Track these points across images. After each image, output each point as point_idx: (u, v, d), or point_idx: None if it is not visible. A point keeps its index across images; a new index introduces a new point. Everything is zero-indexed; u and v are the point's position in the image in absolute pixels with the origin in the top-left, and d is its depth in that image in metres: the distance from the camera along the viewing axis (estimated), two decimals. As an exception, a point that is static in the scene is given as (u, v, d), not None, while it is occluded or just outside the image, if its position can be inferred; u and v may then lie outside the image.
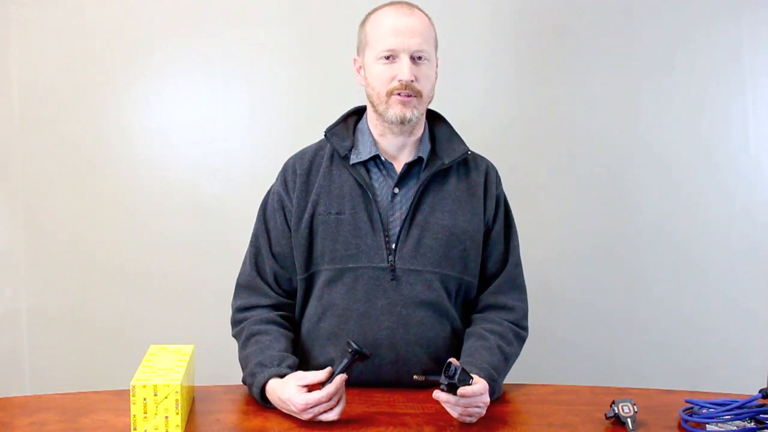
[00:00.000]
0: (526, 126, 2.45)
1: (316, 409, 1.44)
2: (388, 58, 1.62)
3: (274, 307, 1.70)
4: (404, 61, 1.60)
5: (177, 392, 1.36)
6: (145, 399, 1.36)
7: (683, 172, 2.46)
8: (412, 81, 1.60)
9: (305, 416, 1.45)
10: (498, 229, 1.73)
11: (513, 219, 1.78)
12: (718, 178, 2.46)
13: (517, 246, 1.76)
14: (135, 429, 1.36)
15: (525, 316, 1.74)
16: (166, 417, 1.37)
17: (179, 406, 1.37)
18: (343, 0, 2.36)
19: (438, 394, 1.43)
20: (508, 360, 1.65)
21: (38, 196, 2.44)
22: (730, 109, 2.45)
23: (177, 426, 1.37)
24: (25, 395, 1.68)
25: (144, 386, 1.36)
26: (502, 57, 2.44)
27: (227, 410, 1.52)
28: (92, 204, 2.44)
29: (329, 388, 1.44)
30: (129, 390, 1.36)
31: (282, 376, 1.52)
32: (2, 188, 2.44)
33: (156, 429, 1.37)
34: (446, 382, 1.40)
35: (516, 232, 1.77)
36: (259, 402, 1.55)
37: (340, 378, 1.45)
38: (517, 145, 2.42)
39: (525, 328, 1.74)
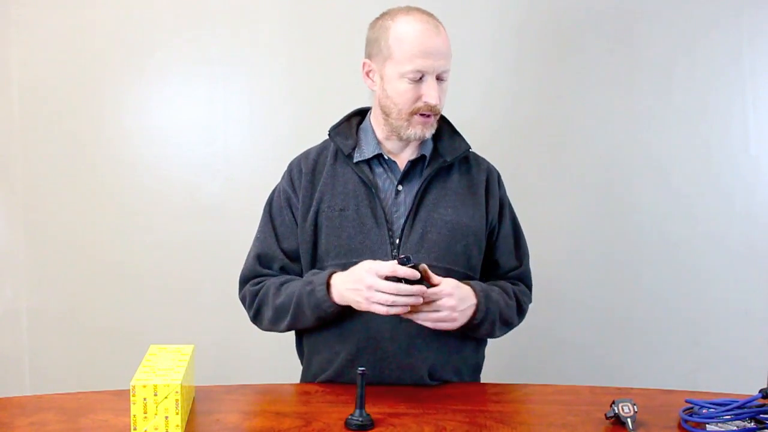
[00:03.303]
0: (525, 127, 2.45)
1: (375, 294, 1.47)
2: (415, 77, 1.61)
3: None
4: (432, 83, 1.61)
5: (177, 392, 1.36)
6: (145, 399, 1.36)
7: (683, 172, 2.46)
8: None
9: (367, 293, 1.48)
10: (506, 230, 1.77)
11: (516, 217, 1.82)
12: (718, 179, 2.46)
13: (526, 245, 1.81)
14: (135, 429, 1.36)
15: (527, 300, 1.78)
16: (166, 417, 1.36)
17: (179, 406, 1.37)
18: (344, 0, 2.36)
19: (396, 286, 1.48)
20: (501, 298, 1.67)
21: (38, 196, 2.44)
22: (730, 110, 2.45)
23: (177, 426, 1.37)
24: (25, 395, 1.68)
25: (144, 386, 1.36)
26: (502, 58, 2.44)
27: (227, 410, 1.52)
28: (92, 204, 2.44)
29: (405, 270, 1.46)
30: (129, 390, 1.36)
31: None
32: (2, 188, 2.44)
33: (156, 429, 1.36)
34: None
35: (521, 229, 1.81)
36: (322, 305, 1.57)
37: (419, 289, 1.47)
38: (516, 146, 2.42)
39: (525, 305, 1.77)
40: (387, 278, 1.48)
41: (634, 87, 2.44)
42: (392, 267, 1.47)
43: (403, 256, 1.49)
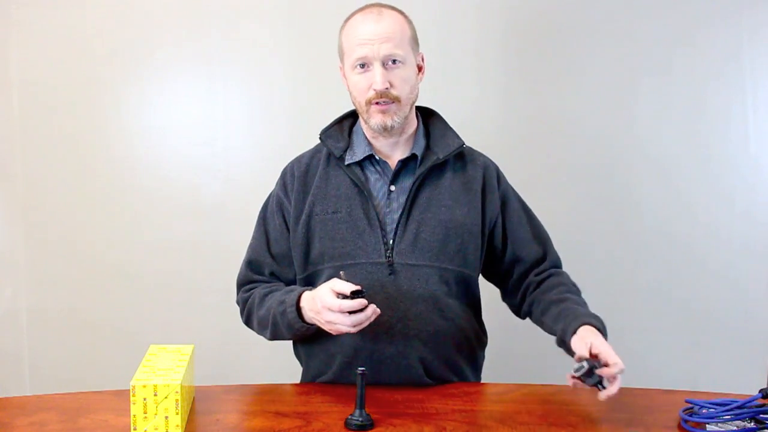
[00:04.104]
0: (519, 126, 2.44)
1: (332, 316, 1.48)
2: (362, 66, 1.63)
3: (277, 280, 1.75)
4: (376, 69, 1.62)
5: (177, 392, 1.36)
6: (145, 399, 1.36)
7: (682, 172, 2.46)
8: (387, 88, 1.62)
9: (325, 316, 1.49)
10: (515, 221, 1.76)
11: (524, 202, 1.81)
12: (718, 179, 2.46)
13: (541, 225, 1.81)
14: (135, 429, 1.36)
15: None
16: (166, 417, 1.37)
17: (179, 406, 1.37)
18: (343, 1, 2.36)
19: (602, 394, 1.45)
20: (581, 303, 1.70)
21: (38, 196, 2.44)
22: (730, 110, 2.44)
23: (177, 426, 1.37)
24: (25, 395, 1.68)
25: (144, 386, 1.36)
26: (500, 56, 2.43)
27: (227, 410, 1.52)
28: (92, 204, 2.44)
29: (351, 303, 1.47)
30: (129, 390, 1.36)
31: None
32: (2, 188, 2.44)
33: (156, 429, 1.37)
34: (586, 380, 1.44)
35: (532, 213, 1.81)
36: (295, 326, 1.58)
37: (367, 306, 1.48)
38: (510, 146, 2.40)
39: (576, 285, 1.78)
40: (344, 296, 1.48)
41: (633, 86, 2.43)
42: (340, 304, 1.47)
43: (356, 289, 1.48)
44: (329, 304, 1.48)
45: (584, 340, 1.49)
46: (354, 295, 1.47)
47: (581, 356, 1.45)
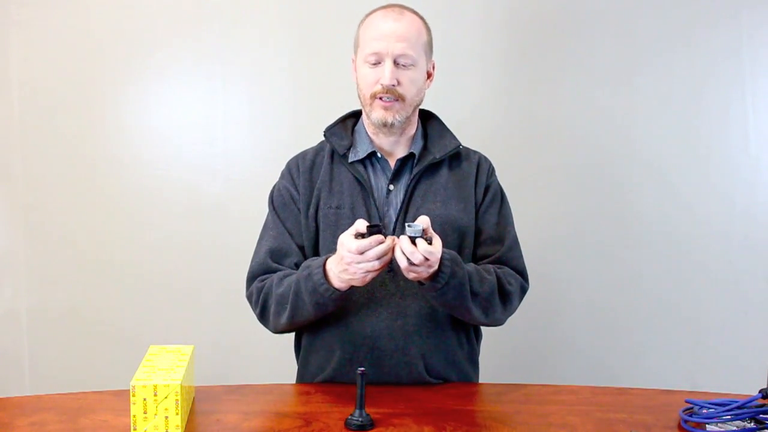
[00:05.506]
0: (519, 127, 2.45)
1: (351, 257, 1.46)
2: (374, 61, 1.66)
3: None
4: (387, 65, 1.64)
5: (177, 392, 1.36)
6: (145, 399, 1.36)
7: (682, 172, 2.46)
8: (394, 85, 1.64)
9: (346, 259, 1.47)
10: (483, 211, 1.75)
11: (507, 207, 1.79)
12: (718, 179, 2.46)
13: (512, 231, 1.77)
14: (135, 429, 1.36)
15: (514, 282, 1.70)
16: (166, 417, 1.37)
17: (179, 406, 1.37)
18: (343, 1, 2.36)
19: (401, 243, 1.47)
20: (475, 270, 1.62)
21: (38, 196, 2.44)
22: (729, 110, 2.45)
23: (177, 426, 1.37)
24: (24, 395, 1.68)
25: (144, 386, 1.36)
26: (497, 57, 2.44)
27: (227, 410, 1.52)
28: (92, 204, 2.44)
29: (368, 242, 1.45)
30: (129, 390, 1.36)
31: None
32: (2, 188, 2.44)
33: (156, 429, 1.37)
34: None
35: (509, 218, 1.78)
36: (320, 289, 1.55)
37: (383, 239, 1.47)
38: (510, 146, 2.42)
39: (512, 286, 1.69)
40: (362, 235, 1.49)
41: (632, 85, 2.44)
42: (357, 245, 1.46)
43: (370, 225, 1.49)
44: (348, 246, 1.48)
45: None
46: (371, 230, 1.48)
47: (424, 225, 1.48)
